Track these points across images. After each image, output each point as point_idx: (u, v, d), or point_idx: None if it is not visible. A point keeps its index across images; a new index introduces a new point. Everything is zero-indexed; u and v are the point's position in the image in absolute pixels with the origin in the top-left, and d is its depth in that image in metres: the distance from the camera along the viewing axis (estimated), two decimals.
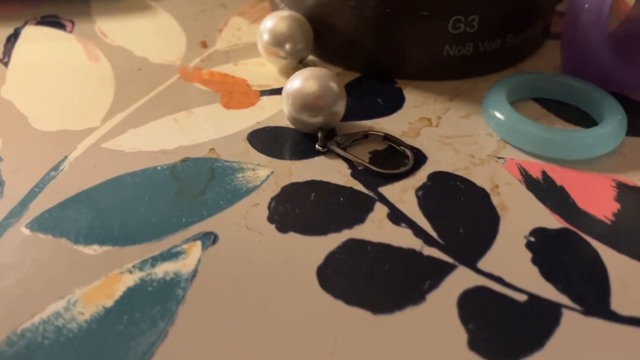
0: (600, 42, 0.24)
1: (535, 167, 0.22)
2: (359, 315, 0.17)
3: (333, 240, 0.19)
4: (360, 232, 0.20)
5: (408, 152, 0.23)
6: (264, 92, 0.26)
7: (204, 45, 0.30)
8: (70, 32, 0.31)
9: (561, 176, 0.22)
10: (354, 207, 0.21)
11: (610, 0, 0.24)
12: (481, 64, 0.27)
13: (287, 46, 0.26)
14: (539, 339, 0.17)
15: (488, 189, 0.21)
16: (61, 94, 0.26)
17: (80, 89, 0.27)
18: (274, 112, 0.25)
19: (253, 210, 0.20)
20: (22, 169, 0.22)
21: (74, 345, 0.17)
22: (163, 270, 0.19)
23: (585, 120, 0.25)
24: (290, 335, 0.17)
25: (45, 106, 0.26)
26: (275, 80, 0.27)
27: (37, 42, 0.30)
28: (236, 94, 0.26)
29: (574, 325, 0.17)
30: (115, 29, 0.31)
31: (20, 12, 0.33)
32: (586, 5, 0.24)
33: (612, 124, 0.23)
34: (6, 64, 0.28)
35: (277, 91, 0.26)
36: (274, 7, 0.30)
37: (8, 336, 0.17)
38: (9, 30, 0.31)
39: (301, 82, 0.23)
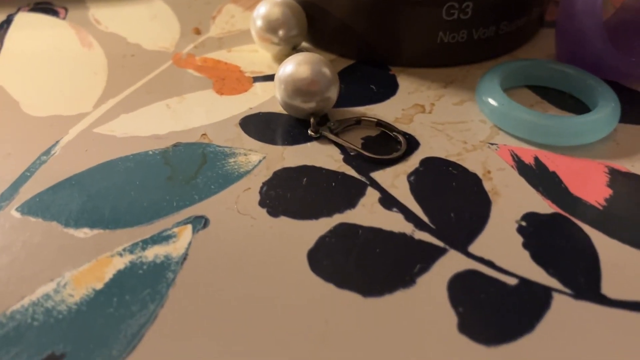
0: (595, 30, 0.24)
1: (528, 153, 0.22)
2: (350, 298, 0.17)
3: (324, 225, 0.19)
4: (351, 216, 0.20)
5: (401, 138, 0.22)
6: (257, 79, 0.26)
7: (198, 32, 0.30)
8: (64, 18, 0.31)
9: (554, 162, 0.22)
10: (345, 192, 0.21)
11: None
12: (475, 51, 0.27)
13: (281, 32, 0.26)
14: (530, 323, 0.17)
15: (480, 175, 0.21)
16: (53, 80, 0.26)
17: (72, 75, 0.27)
18: (267, 98, 0.25)
19: (244, 195, 0.20)
20: (13, 154, 0.22)
21: (64, 326, 0.17)
22: (153, 253, 0.18)
23: (579, 107, 0.25)
24: (281, 318, 0.17)
25: (38, 92, 0.25)
26: (269, 67, 0.27)
27: (30, 28, 0.30)
28: (229, 80, 0.26)
29: (564, 308, 0.17)
30: (109, 16, 0.31)
31: None
32: None
33: (605, 111, 0.23)
34: None
35: (270, 77, 0.26)
36: None
37: None
38: (2, 17, 0.31)
39: (294, 67, 0.23)
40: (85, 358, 0.16)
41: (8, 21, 0.30)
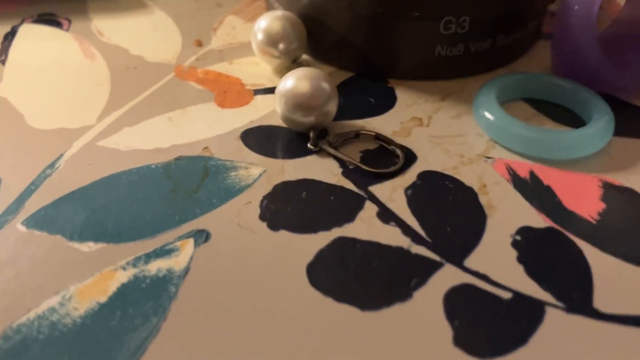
0: (590, 44, 0.25)
1: (524, 167, 0.23)
2: (348, 312, 0.18)
3: (323, 238, 0.20)
4: (350, 230, 0.20)
5: (398, 152, 0.23)
6: (257, 91, 0.27)
7: (199, 44, 0.30)
8: (67, 30, 0.31)
9: (548, 176, 0.22)
10: (344, 206, 0.21)
11: (599, 2, 0.24)
12: (472, 64, 0.28)
13: (281, 46, 0.27)
14: (523, 336, 0.17)
15: (476, 189, 0.22)
16: (57, 92, 0.27)
17: (76, 87, 0.27)
18: (268, 111, 0.26)
19: (245, 209, 0.21)
20: (19, 167, 0.23)
21: (69, 339, 0.17)
22: (156, 267, 0.19)
23: (574, 120, 0.25)
24: (281, 330, 0.17)
25: (42, 104, 0.26)
26: (269, 80, 0.28)
27: (34, 40, 0.30)
28: (230, 92, 0.27)
29: (557, 322, 0.17)
30: (111, 28, 0.32)
31: (18, 10, 0.33)
32: (576, 7, 0.25)
33: (600, 124, 0.23)
34: (3, 62, 0.29)
35: (271, 90, 0.27)
36: (269, 7, 0.30)
37: (4, 331, 0.17)
38: (6, 28, 0.31)
39: (294, 82, 0.23)
40: None
41: (12, 32, 0.31)
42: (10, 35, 0.31)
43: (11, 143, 0.24)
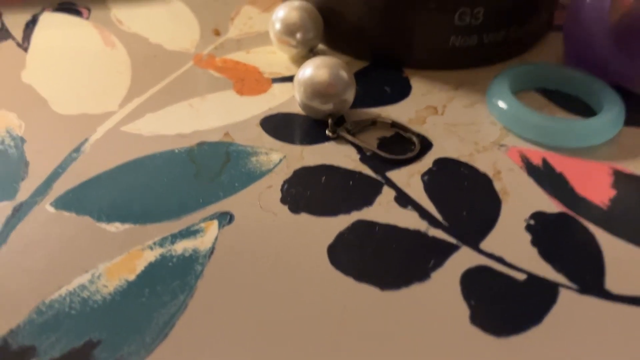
0: (601, 35, 0.25)
1: (536, 155, 0.23)
2: (368, 291, 0.18)
3: (343, 221, 0.21)
4: (368, 213, 0.21)
5: (414, 139, 0.24)
6: (275, 80, 0.27)
7: (217, 33, 0.31)
8: (87, 18, 0.32)
9: (561, 163, 0.23)
10: (362, 191, 0.22)
11: None
12: (485, 55, 0.28)
13: (298, 35, 0.27)
14: (537, 315, 0.18)
15: (491, 175, 0.22)
16: (79, 79, 0.27)
17: (97, 74, 0.28)
18: (285, 99, 0.26)
19: (266, 192, 0.22)
20: (45, 151, 0.23)
21: (99, 315, 0.18)
22: (182, 247, 0.20)
23: (585, 110, 0.26)
24: (302, 308, 0.18)
25: (65, 90, 0.27)
26: (286, 68, 0.28)
27: (54, 28, 0.31)
28: (248, 81, 0.27)
29: (570, 302, 0.18)
30: (130, 16, 0.32)
31: None
32: (588, 0, 0.25)
33: (611, 114, 0.24)
34: (25, 49, 0.29)
35: (288, 79, 0.27)
36: None
37: (37, 306, 0.18)
38: (27, 17, 0.32)
39: (313, 70, 0.24)
40: (120, 344, 0.17)
41: (34, 21, 0.31)
42: (32, 24, 0.31)
43: (37, 128, 0.24)
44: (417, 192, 0.22)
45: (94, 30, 0.31)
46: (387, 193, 0.22)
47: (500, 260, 0.19)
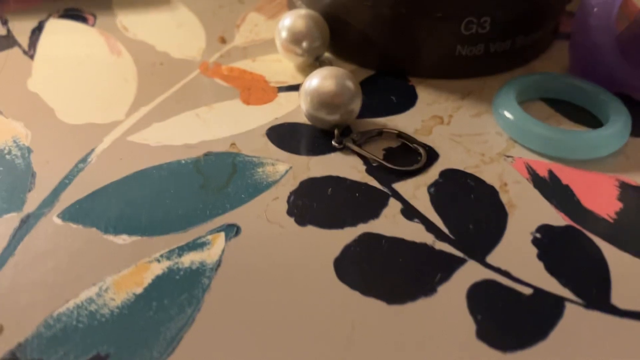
0: (608, 45, 0.25)
1: (542, 166, 0.23)
2: (375, 305, 0.18)
3: (349, 234, 0.21)
4: (375, 226, 0.21)
5: (421, 150, 0.24)
6: (281, 89, 0.27)
7: (223, 40, 0.31)
8: (92, 25, 0.32)
9: (567, 175, 0.23)
10: (369, 203, 0.22)
11: (618, 4, 0.25)
12: (491, 64, 0.28)
13: (304, 44, 0.27)
14: (543, 330, 0.18)
15: (497, 187, 0.22)
16: (86, 87, 0.27)
17: (104, 82, 0.28)
18: (291, 108, 0.26)
19: (273, 204, 0.22)
20: (52, 161, 0.23)
21: (107, 328, 0.18)
22: (189, 259, 0.20)
23: (592, 120, 0.26)
24: (310, 322, 0.18)
25: (71, 99, 0.27)
26: (292, 77, 0.28)
27: (61, 34, 0.31)
28: (255, 89, 0.27)
29: (576, 317, 0.18)
30: (136, 23, 0.32)
31: (44, 5, 0.34)
32: (595, 9, 0.25)
33: (617, 126, 0.24)
34: (32, 57, 0.29)
35: (294, 88, 0.27)
36: (291, 5, 0.31)
37: (45, 319, 0.18)
38: (34, 23, 0.32)
39: (319, 80, 0.24)
40: (128, 359, 0.17)
41: (40, 27, 0.31)
42: (38, 30, 0.31)
43: (43, 137, 0.24)
44: (424, 204, 0.22)
45: (100, 37, 0.31)
46: (394, 205, 0.22)
47: (506, 274, 0.19)
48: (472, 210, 0.21)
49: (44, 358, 0.17)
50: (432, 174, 0.23)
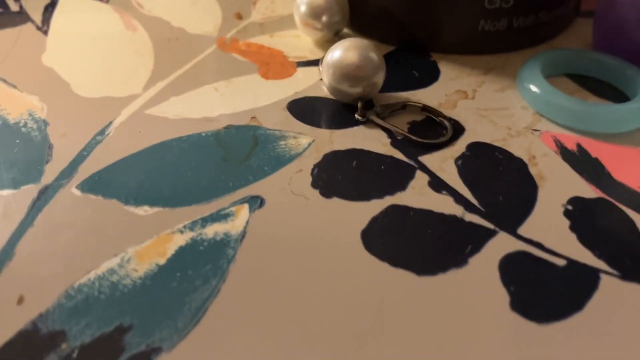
0: (635, 19, 0.25)
1: (571, 140, 0.23)
2: (404, 276, 0.18)
3: (376, 206, 0.20)
4: (402, 198, 0.20)
5: (446, 123, 0.23)
6: (300, 64, 0.27)
7: (239, 17, 0.30)
8: (107, 2, 0.31)
9: (596, 148, 0.22)
10: (395, 175, 0.21)
11: None
12: (514, 40, 0.28)
13: (324, 18, 0.27)
14: (579, 302, 0.17)
15: (525, 160, 0.22)
16: (101, 62, 0.27)
17: (119, 57, 0.27)
18: (311, 83, 0.26)
19: (297, 176, 0.21)
20: (69, 134, 0.23)
21: (130, 299, 0.17)
22: (213, 230, 0.19)
23: (617, 95, 0.25)
24: (338, 293, 0.17)
25: (87, 73, 0.26)
26: (311, 52, 0.28)
27: (74, 11, 0.31)
28: (273, 64, 0.27)
29: (612, 289, 0.18)
30: (151, 0, 0.32)
31: None
32: None
33: None
34: (45, 32, 0.29)
35: (313, 63, 0.27)
36: None
37: (66, 290, 0.17)
38: (46, 0, 0.31)
39: (342, 52, 0.23)
40: (152, 330, 0.17)
41: (53, 4, 0.31)
42: (51, 7, 0.31)
43: (59, 111, 0.24)
44: (452, 176, 0.21)
45: (115, 14, 0.30)
46: (421, 177, 0.21)
47: (539, 245, 0.19)
48: (502, 182, 0.21)
49: (65, 329, 0.17)
50: (459, 147, 0.22)
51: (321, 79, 0.24)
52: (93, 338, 0.16)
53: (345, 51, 0.23)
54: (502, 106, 0.24)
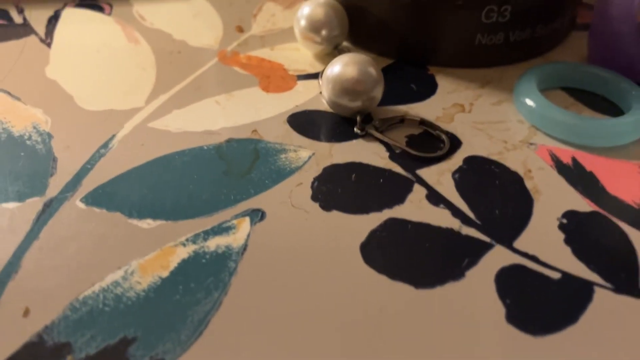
0: (630, 34, 0.25)
1: (566, 153, 0.23)
2: (402, 289, 0.18)
3: (375, 219, 0.20)
4: (400, 211, 0.21)
5: (444, 137, 0.23)
6: (300, 77, 0.27)
7: (240, 30, 0.31)
8: (109, 14, 0.32)
9: (590, 162, 0.23)
10: (393, 188, 0.22)
11: None
12: (511, 53, 0.28)
13: (324, 32, 0.27)
14: (573, 314, 0.18)
15: (521, 173, 0.22)
16: (104, 75, 0.27)
17: (122, 69, 0.28)
18: (311, 96, 0.26)
19: (297, 190, 0.21)
20: (72, 147, 0.23)
21: (134, 312, 0.18)
22: (215, 243, 0.20)
23: (612, 109, 0.26)
24: (337, 306, 0.18)
25: (90, 86, 0.26)
26: (311, 65, 0.28)
27: (77, 23, 0.31)
28: (274, 78, 0.27)
29: (605, 302, 0.18)
30: (152, 12, 0.32)
31: None
32: None
33: None
34: (49, 45, 0.29)
35: (313, 76, 0.27)
36: None
37: (71, 302, 0.18)
38: (50, 12, 0.32)
39: (341, 67, 0.24)
40: (156, 342, 0.17)
41: (56, 16, 0.31)
42: (54, 19, 0.31)
43: (63, 124, 0.24)
44: (449, 190, 0.22)
45: (117, 26, 0.31)
46: (418, 191, 0.21)
47: (534, 259, 0.19)
48: (498, 196, 0.21)
49: (71, 341, 0.17)
50: (456, 161, 0.23)
51: (321, 93, 0.25)
52: (98, 350, 0.17)
53: (344, 66, 0.24)
54: (499, 119, 0.25)
